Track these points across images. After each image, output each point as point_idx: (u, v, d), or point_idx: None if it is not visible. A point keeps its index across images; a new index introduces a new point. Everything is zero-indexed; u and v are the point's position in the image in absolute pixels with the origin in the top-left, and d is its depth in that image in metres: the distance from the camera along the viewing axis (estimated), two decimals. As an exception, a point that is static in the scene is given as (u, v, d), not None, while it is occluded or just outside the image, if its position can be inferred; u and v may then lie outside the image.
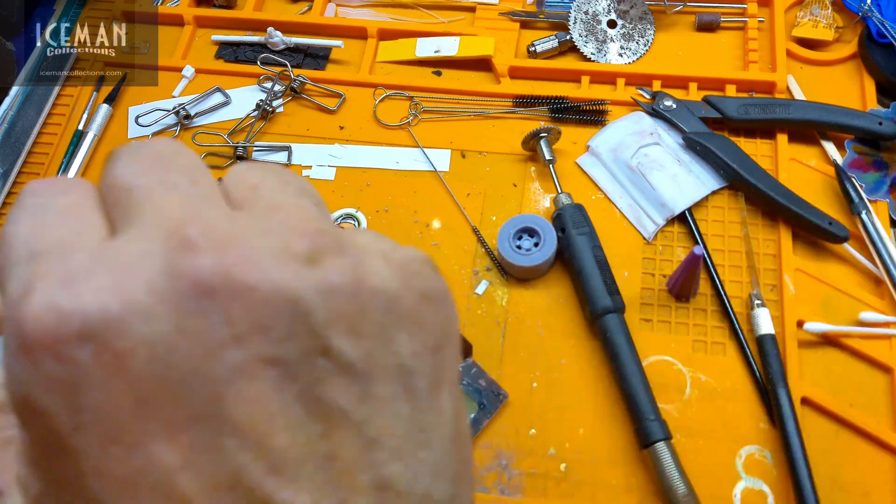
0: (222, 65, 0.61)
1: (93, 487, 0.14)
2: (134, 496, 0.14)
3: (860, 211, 0.48)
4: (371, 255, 0.16)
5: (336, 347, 0.15)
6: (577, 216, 0.48)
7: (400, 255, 0.17)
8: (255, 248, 0.14)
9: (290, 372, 0.14)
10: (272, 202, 0.16)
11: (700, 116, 0.52)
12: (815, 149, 0.53)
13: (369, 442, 0.15)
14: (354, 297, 0.15)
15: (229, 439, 0.14)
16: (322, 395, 0.15)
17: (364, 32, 0.61)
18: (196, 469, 0.14)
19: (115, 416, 0.14)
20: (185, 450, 0.14)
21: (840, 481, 0.41)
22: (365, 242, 0.17)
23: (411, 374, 0.16)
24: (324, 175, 0.54)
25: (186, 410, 0.14)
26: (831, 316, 0.46)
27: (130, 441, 0.14)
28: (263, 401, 0.14)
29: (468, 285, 0.49)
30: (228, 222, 0.15)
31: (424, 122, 0.56)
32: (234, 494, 0.14)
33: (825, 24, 0.57)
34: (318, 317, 0.14)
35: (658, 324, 0.47)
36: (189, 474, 0.14)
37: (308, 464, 0.14)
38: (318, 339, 0.15)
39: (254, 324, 0.14)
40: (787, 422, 0.41)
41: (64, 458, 0.14)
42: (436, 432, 0.16)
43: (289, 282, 0.14)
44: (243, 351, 0.14)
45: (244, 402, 0.14)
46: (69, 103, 0.59)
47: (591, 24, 0.59)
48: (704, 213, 0.51)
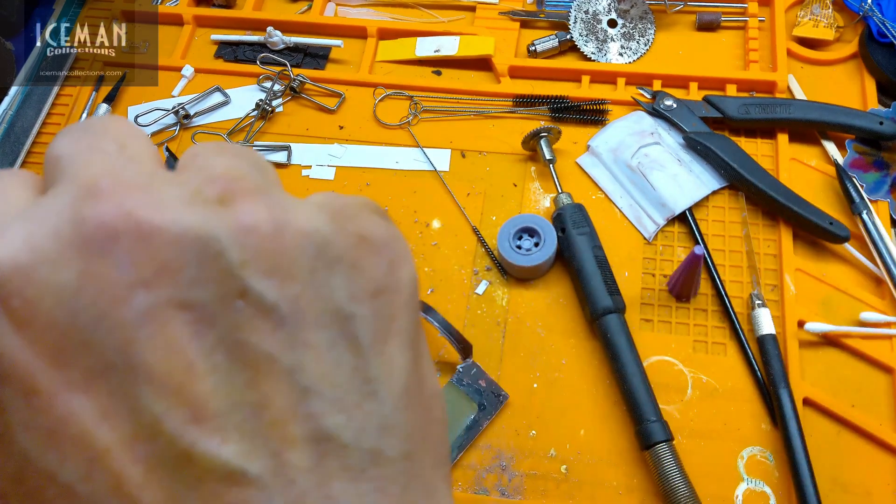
0: (222, 64, 0.61)
1: (20, 441, 0.14)
2: (58, 448, 0.14)
3: (861, 211, 0.48)
4: (302, 203, 0.16)
5: (255, 289, 0.14)
6: (577, 216, 0.48)
7: (339, 202, 0.17)
8: (164, 193, 0.14)
9: (206, 316, 0.14)
10: (204, 163, 0.16)
11: (700, 116, 0.52)
12: (816, 148, 0.52)
13: (303, 391, 0.14)
14: (275, 238, 0.15)
15: (144, 387, 0.13)
16: (245, 341, 0.14)
17: (364, 32, 0.60)
18: (113, 420, 0.14)
19: (31, 365, 0.13)
20: (102, 399, 0.14)
21: (842, 482, 0.41)
22: (304, 198, 0.16)
23: (349, 319, 0.15)
24: (323, 175, 0.54)
25: (99, 358, 0.13)
26: (832, 316, 0.46)
27: (49, 391, 0.13)
28: (178, 347, 0.14)
29: (468, 285, 0.49)
30: (145, 176, 0.15)
31: (424, 122, 0.56)
32: (153, 445, 0.14)
33: (826, 24, 0.57)
34: (230, 257, 0.14)
35: (659, 324, 0.47)
36: (106, 425, 0.13)
37: (234, 413, 0.14)
38: (233, 281, 0.14)
39: (161, 266, 0.14)
40: (789, 422, 0.41)
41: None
42: (384, 384, 0.16)
43: (196, 222, 0.14)
44: (152, 294, 0.14)
45: (157, 348, 0.14)
46: (68, 103, 0.59)
47: (591, 24, 0.58)
48: (705, 212, 0.50)
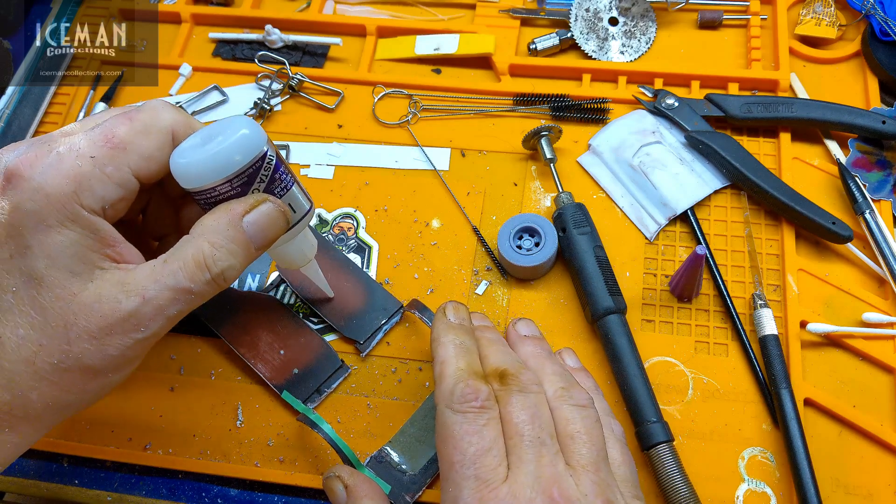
0: (220, 63, 0.60)
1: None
2: None
3: (864, 210, 0.47)
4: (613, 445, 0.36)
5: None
6: (578, 216, 0.47)
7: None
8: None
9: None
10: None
11: (702, 115, 0.52)
12: (819, 148, 0.52)
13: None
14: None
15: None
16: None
17: (363, 30, 0.60)
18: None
19: None
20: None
21: (843, 483, 0.41)
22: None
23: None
24: (322, 174, 0.54)
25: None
26: (834, 316, 0.46)
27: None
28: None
29: (468, 285, 0.48)
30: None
31: (424, 121, 0.56)
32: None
33: (828, 22, 0.56)
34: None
35: (660, 324, 0.46)
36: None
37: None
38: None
39: None
40: (790, 423, 0.41)
41: None
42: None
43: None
44: None
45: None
46: (66, 102, 0.59)
47: (592, 22, 0.58)
48: (707, 212, 0.50)
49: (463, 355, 0.37)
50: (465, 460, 0.33)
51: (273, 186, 0.35)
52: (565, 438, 0.34)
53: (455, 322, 0.40)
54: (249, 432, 0.44)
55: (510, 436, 0.34)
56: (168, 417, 0.45)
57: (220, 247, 0.33)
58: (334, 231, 0.51)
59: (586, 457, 0.33)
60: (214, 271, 0.33)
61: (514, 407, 0.34)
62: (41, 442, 0.45)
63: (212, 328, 0.47)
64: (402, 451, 0.43)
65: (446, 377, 0.36)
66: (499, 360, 0.37)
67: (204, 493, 0.44)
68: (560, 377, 0.37)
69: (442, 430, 0.35)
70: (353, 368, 0.46)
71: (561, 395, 0.36)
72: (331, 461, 0.43)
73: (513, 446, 0.33)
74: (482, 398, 0.34)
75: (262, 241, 0.35)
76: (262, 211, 0.34)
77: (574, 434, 0.34)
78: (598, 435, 0.35)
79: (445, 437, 0.34)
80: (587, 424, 0.35)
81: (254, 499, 0.43)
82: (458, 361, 0.37)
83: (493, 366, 0.37)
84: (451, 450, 0.33)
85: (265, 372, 0.45)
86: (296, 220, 0.37)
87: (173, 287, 0.33)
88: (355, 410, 0.45)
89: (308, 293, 0.48)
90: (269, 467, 0.43)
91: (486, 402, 0.34)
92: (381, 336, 0.47)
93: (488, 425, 0.34)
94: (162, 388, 0.46)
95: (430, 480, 0.42)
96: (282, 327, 0.47)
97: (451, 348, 0.37)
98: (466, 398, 0.34)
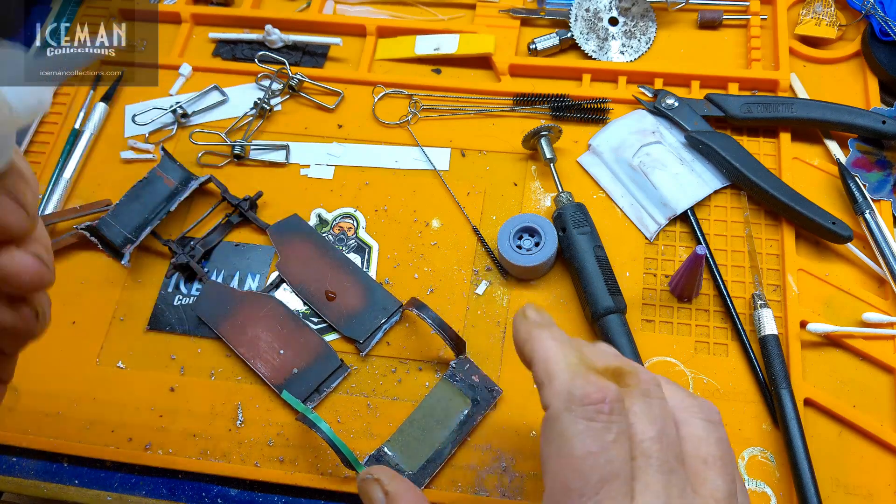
0: (220, 63, 0.60)
1: None
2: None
3: (864, 210, 0.47)
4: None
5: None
6: (578, 215, 0.47)
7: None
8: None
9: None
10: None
11: (702, 115, 0.52)
12: (819, 148, 0.52)
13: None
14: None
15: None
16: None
17: (363, 30, 0.60)
18: None
19: None
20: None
21: (843, 483, 0.41)
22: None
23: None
24: (322, 174, 0.54)
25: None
26: (834, 316, 0.46)
27: None
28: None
29: (468, 285, 0.48)
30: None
31: (424, 121, 0.56)
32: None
33: (828, 22, 0.56)
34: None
35: (660, 324, 0.46)
36: None
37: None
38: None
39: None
40: (790, 423, 0.41)
41: None
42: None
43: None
44: None
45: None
46: (66, 102, 0.59)
47: (592, 22, 0.58)
48: (707, 212, 0.50)
49: (571, 349, 0.29)
50: (586, 489, 0.26)
51: None
52: (696, 462, 0.28)
53: (540, 321, 0.32)
54: (249, 432, 0.44)
55: (634, 456, 0.27)
56: (168, 417, 0.45)
57: None
58: (334, 231, 0.51)
59: (721, 489, 0.27)
60: None
61: (638, 418, 0.28)
62: (41, 442, 0.45)
63: (212, 328, 0.47)
64: (401, 450, 0.43)
65: (558, 373, 0.28)
66: (605, 360, 0.30)
67: (204, 493, 0.44)
68: (674, 385, 0.31)
69: (554, 441, 0.27)
70: (352, 368, 0.46)
71: (689, 407, 0.29)
72: (331, 461, 0.43)
73: (638, 470, 0.27)
74: (611, 399, 0.27)
75: None
76: None
77: (707, 458, 0.28)
78: (731, 460, 0.29)
79: (559, 451, 0.27)
80: (721, 448, 0.28)
81: (254, 499, 0.43)
82: (568, 356, 0.29)
83: (604, 364, 0.29)
84: (567, 471, 0.26)
85: (265, 372, 0.45)
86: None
87: None
88: (355, 410, 0.45)
89: (309, 294, 0.48)
90: (269, 467, 0.43)
91: (615, 406, 0.27)
92: (380, 336, 0.47)
93: (617, 442, 0.27)
94: (162, 388, 0.46)
95: (429, 480, 0.42)
96: (282, 327, 0.47)
97: (553, 343, 0.30)
98: (591, 399, 0.27)
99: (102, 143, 0.57)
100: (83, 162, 0.56)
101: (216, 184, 0.52)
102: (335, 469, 0.43)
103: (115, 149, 0.56)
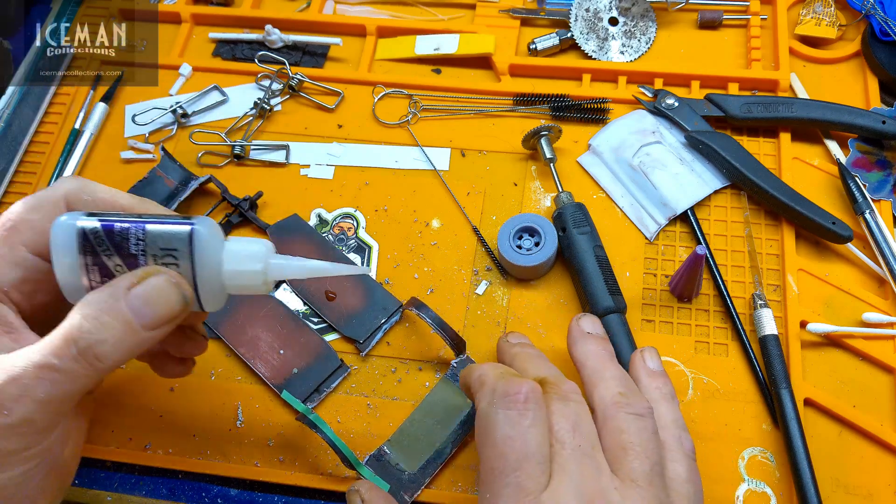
0: (220, 63, 0.60)
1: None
2: None
3: (864, 210, 0.47)
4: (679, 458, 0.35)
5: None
6: (578, 215, 0.47)
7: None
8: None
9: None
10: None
11: (702, 115, 0.52)
12: (819, 148, 0.52)
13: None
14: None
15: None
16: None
17: (363, 30, 0.60)
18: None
19: None
20: None
21: (843, 483, 0.41)
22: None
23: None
24: (322, 174, 0.54)
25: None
26: (834, 316, 0.46)
27: None
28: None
29: (468, 285, 0.48)
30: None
31: (424, 121, 0.56)
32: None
33: (828, 22, 0.56)
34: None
35: (660, 324, 0.46)
36: None
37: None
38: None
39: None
40: (790, 423, 0.41)
41: None
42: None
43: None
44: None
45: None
46: (66, 102, 0.59)
47: (592, 22, 0.58)
48: (707, 212, 0.50)
49: (500, 367, 0.36)
50: (506, 467, 0.31)
51: (128, 255, 0.31)
52: (617, 449, 0.32)
53: (511, 343, 0.40)
54: (249, 432, 0.44)
55: (551, 443, 0.32)
56: (168, 417, 0.45)
57: (93, 319, 0.29)
58: (334, 231, 0.51)
59: (637, 470, 0.31)
60: (81, 345, 0.29)
61: (555, 415, 0.32)
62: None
63: (212, 328, 0.47)
64: (401, 450, 0.43)
65: (487, 381, 0.34)
66: (538, 371, 0.36)
67: (204, 493, 0.44)
68: (619, 382, 0.35)
69: (482, 432, 0.33)
70: (352, 368, 0.46)
71: (618, 402, 0.34)
72: (331, 461, 0.43)
73: (554, 454, 0.31)
74: (526, 391, 0.32)
75: (152, 317, 0.30)
76: (151, 284, 0.30)
77: (627, 445, 0.32)
78: (653, 447, 0.32)
79: (485, 440, 0.32)
80: (642, 436, 0.32)
81: (254, 499, 0.43)
82: (498, 368, 0.35)
83: (533, 375, 0.35)
84: (491, 454, 0.32)
85: (265, 372, 0.45)
86: (207, 296, 0.32)
87: (37, 363, 0.28)
88: (355, 410, 0.45)
89: (309, 294, 0.48)
90: (269, 467, 0.43)
91: (530, 396, 0.32)
92: (380, 336, 0.47)
93: (533, 427, 0.31)
94: (162, 388, 0.46)
95: (429, 480, 0.42)
96: (282, 327, 0.47)
97: (488, 367, 0.36)
98: (509, 392, 0.32)
99: (102, 143, 0.57)
100: (83, 162, 0.56)
101: (216, 184, 0.52)
102: (335, 469, 0.43)
103: (115, 149, 0.56)
